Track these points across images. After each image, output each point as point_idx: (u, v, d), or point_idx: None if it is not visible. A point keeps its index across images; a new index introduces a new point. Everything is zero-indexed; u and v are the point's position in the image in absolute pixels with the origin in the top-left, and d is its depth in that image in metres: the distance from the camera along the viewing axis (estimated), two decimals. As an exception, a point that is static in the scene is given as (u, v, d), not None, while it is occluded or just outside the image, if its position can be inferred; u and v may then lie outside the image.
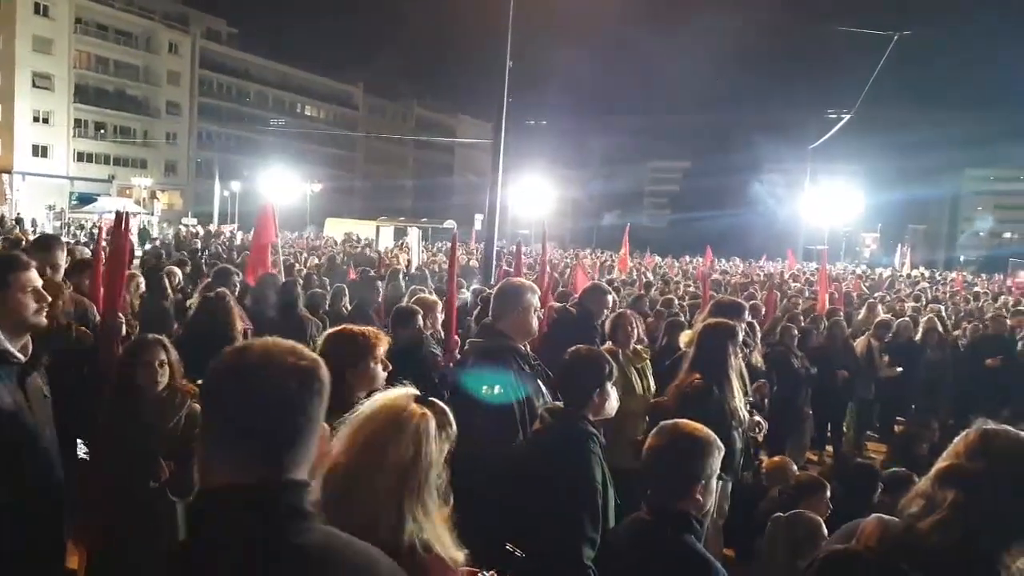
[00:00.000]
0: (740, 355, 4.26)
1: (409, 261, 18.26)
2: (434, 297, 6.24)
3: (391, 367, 2.90)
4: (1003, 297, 18.40)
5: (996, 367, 9.18)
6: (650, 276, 18.89)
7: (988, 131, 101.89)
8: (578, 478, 2.70)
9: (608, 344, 5.02)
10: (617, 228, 44.67)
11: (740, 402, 4.12)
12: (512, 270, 8.32)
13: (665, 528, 2.16)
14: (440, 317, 5.56)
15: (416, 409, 1.68)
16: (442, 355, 4.96)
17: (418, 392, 1.74)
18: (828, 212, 44.63)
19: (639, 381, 4.89)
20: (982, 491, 1.56)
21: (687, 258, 32.40)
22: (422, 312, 5.13)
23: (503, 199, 13.86)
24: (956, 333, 11.01)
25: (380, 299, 8.31)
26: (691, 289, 14.17)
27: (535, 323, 3.52)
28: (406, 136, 76.70)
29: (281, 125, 67.19)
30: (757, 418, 4.49)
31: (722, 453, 2.23)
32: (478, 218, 24.61)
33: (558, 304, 6.78)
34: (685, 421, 2.34)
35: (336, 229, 37.68)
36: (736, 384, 4.18)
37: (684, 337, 4.78)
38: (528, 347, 3.64)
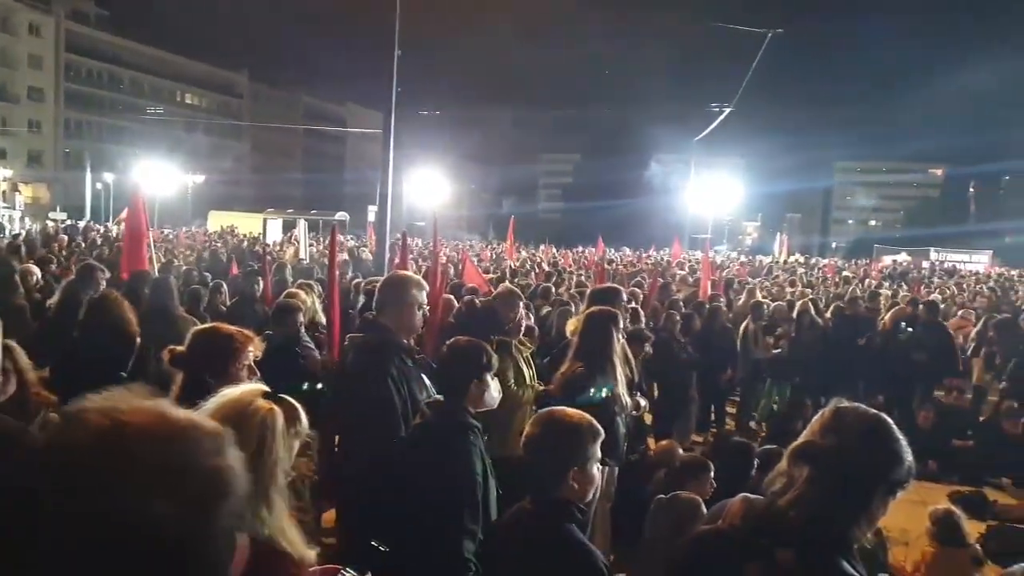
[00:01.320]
0: (623, 339, 4.32)
1: (297, 254, 17.69)
2: (303, 292, 6.02)
3: (258, 374, 2.75)
4: (867, 280, 19.76)
5: (857, 346, 9.83)
6: (546, 267, 19.16)
7: (856, 126, 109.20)
8: (457, 470, 2.66)
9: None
10: (515, 218, 45.16)
11: (623, 387, 4.19)
12: (398, 261, 8.18)
13: (545, 517, 2.15)
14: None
15: (262, 404, 1.61)
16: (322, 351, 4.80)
17: (266, 388, 1.66)
18: (712, 202, 46.54)
19: (527, 370, 4.90)
20: (833, 467, 1.60)
21: (580, 248, 33.02)
22: (301, 308, 4.93)
23: (397, 189, 13.61)
24: (827, 315, 11.70)
25: (261, 294, 8.02)
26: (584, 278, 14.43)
27: (419, 319, 3.44)
28: (294, 125, 74.22)
29: (159, 113, 63.63)
30: (639, 399, 4.59)
31: (600, 438, 2.23)
32: (371, 209, 24.15)
33: (467, 297, 6.76)
34: (561, 408, 2.33)
35: (220, 222, 36.09)
36: (619, 369, 4.25)
37: (569, 326, 4.83)
38: (416, 341, 3.57)
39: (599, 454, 2.23)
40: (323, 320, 5.86)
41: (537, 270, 16.91)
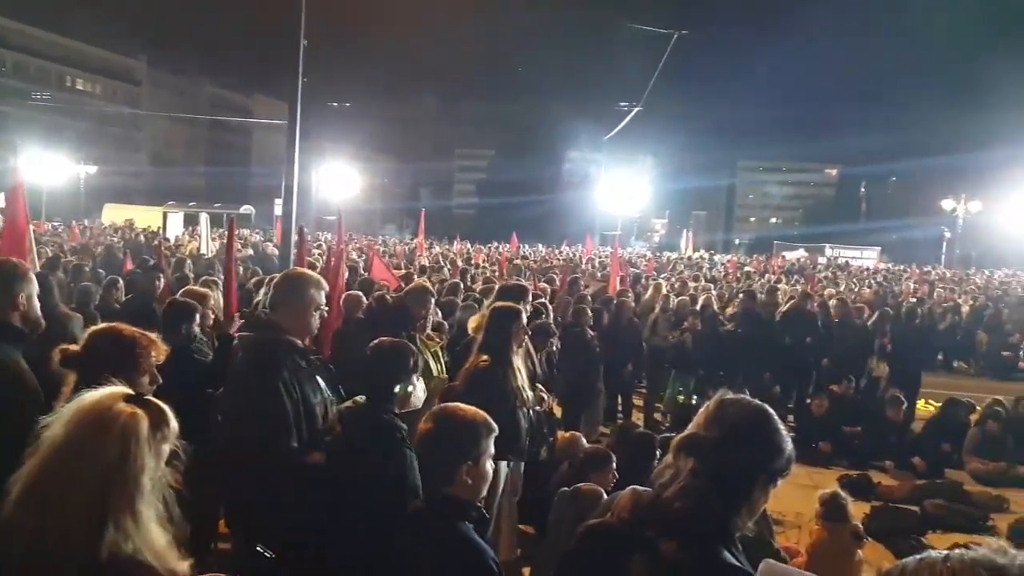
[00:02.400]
0: (526, 335, 4.34)
1: (198, 249, 17.00)
2: (205, 289, 5.76)
3: (160, 380, 2.57)
4: (767, 275, 20.61)
5: (754, 340, 10.25)
6: (459, 262, 19.11)
7: (757, 126, 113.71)
8: (396, 471, 2.62)
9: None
10: (428, 214, 44.77)
11: (525, 382, 4.21)
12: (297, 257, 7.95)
13: (437, 516, 2.12)
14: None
15: (124, 408, 1.51)
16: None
17: (129, 391, 1.56)
18: (622, 199, 47.52)
19: (434, 365, 4.87)
20: (716, 458, 1.63)
21: (494, 244, 33.10)
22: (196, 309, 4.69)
23: (305, 183, 13.22)
24: (729, 310, 12.15)
25: (160, 291, 7.65)
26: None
27: (316, 320, 3.26)
28: (196, 116, 71.20)
29: (45, 99, 59.76)
30: (543, 394, 4.63)
31: (494, 434, 2.21)
32: (278, 203, 23.44)
33: (378, 293, 6.64)
34: (454, 404, 2.30)
35: (116, 216, 34.23)
36: (521, 364, 4.27)
37: (472, 322, 4.81)
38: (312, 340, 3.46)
39: (493, 450, 2.21)
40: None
41: (450, 266, 16.85)
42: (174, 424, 1.55)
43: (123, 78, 73.45)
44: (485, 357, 4.04)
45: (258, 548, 2.41)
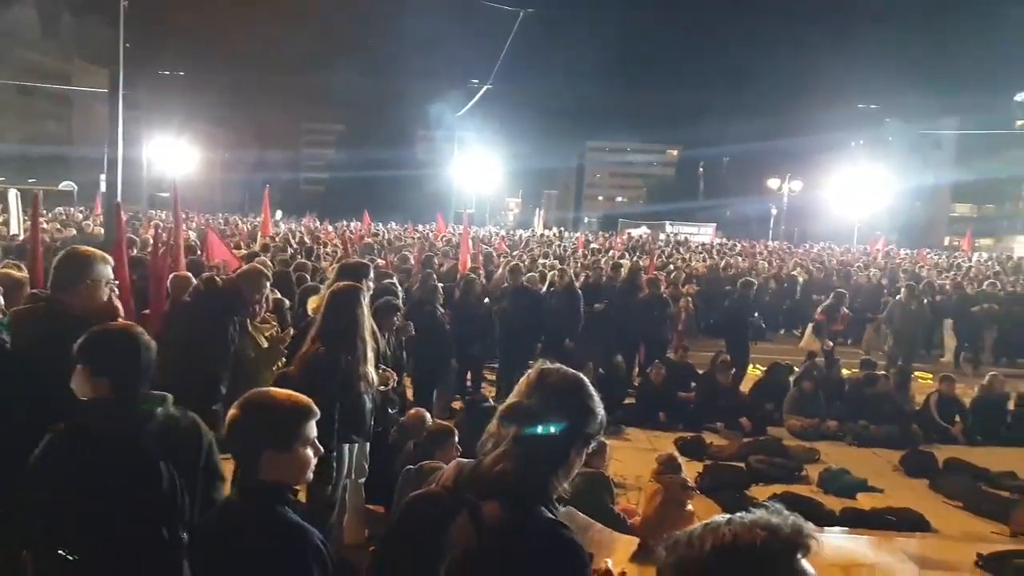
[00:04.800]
0: (369, 314, 4.25)
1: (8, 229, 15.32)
2: (23, 273, 5.21)
3: None
4: (611, 252, 21.47)
5: (604, 310, 10.68)
6: (307, 240, 18.48)
7: (605, 107, 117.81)
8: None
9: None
10: (278, 190, 42.91)
11: (371, 364, 4.13)
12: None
13: (253, 503, 2.04)
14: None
15: None
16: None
17: None
18: (475, 178, 47.76)
19: (268, 349, 4.66)
20: (535, 424, 1.70)
21: (343, 222, 32.25)
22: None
23: (136, 156, 12.23)
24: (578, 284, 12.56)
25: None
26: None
27: (104, 295, 3.11)
28: (8, 81, 63.77)
29: None
30: (387, 372, 4.57)
31: (312, 418, 2.15)
32: (103, 178, 21.57)
33: (206, 275, 6.21)
34: (264, 391, 2.21)
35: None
36: (369, 345, 4.17)
37: (311, 303, 4.64)
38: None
39: (313, 434, 2.15)
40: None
41: (295, 245, 16.26)
42: None
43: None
44: (324, 341, 3.92)
45: (60, 552, 2.21)
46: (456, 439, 4.48)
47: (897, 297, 12.52)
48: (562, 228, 46.87)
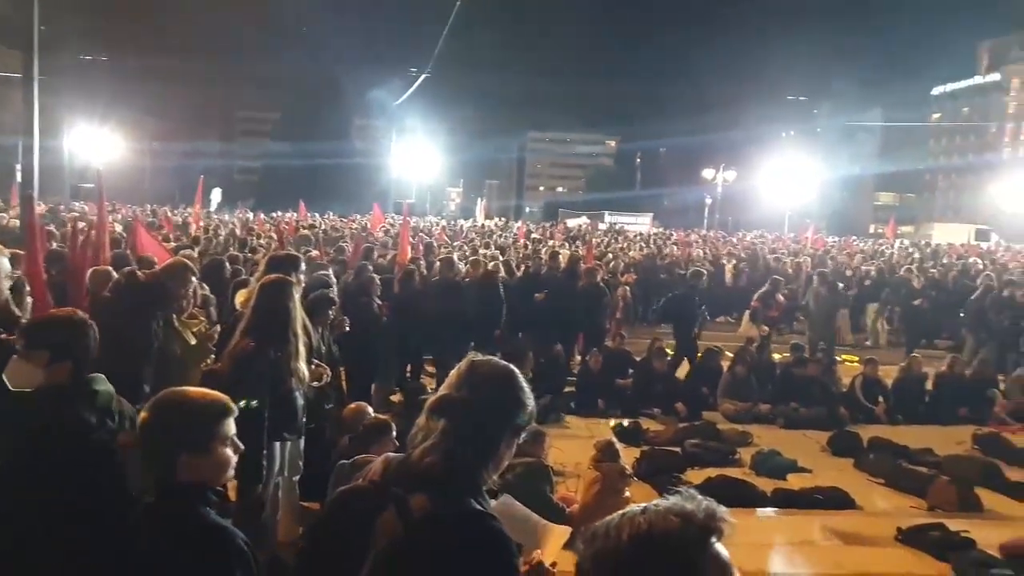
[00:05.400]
0: (301, 308, 4.15)
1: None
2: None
3: None
4: (552, 241, 21.59)
5: (543, 300, 10.74)
6: (239, 232, 18.05)
7: (545, 97, 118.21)
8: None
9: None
10: (212, 180, 41.52)
11: (303, 359, 4.04)
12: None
13: (172, 506, 1.98)
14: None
15: None
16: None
17: None
18: (415, 167, 47.33)
19: (196, 347, 4.52)
20: (464, 417, 1.69)
21: (279, 213, 31.56)
22: None
23: (55, 145, 11.68)
24: (518, 274, 12.59)
25: None
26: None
27: (4, 295, 2.97)
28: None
29: None
30: (321, 367, 4.49)
31: (230, 416, 2.10)
32: (18, 168, 20.56)
33: (127, 269, 5.97)
34: (178, 390, 2.14)
35: None
36: (301, 340, 4.09)
37: (240, 297, 4.51)
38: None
39: (231, 432, 2.10)
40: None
41: (231, 236, 15.84)
42: None
43: None
44: (252, 337, 3.81)
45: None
46: (394, 433, 4.43)
47: (811, 285, 12.98)
48: (505, 218, 46.91)
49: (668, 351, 10.09)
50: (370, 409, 5.59)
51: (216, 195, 48.11)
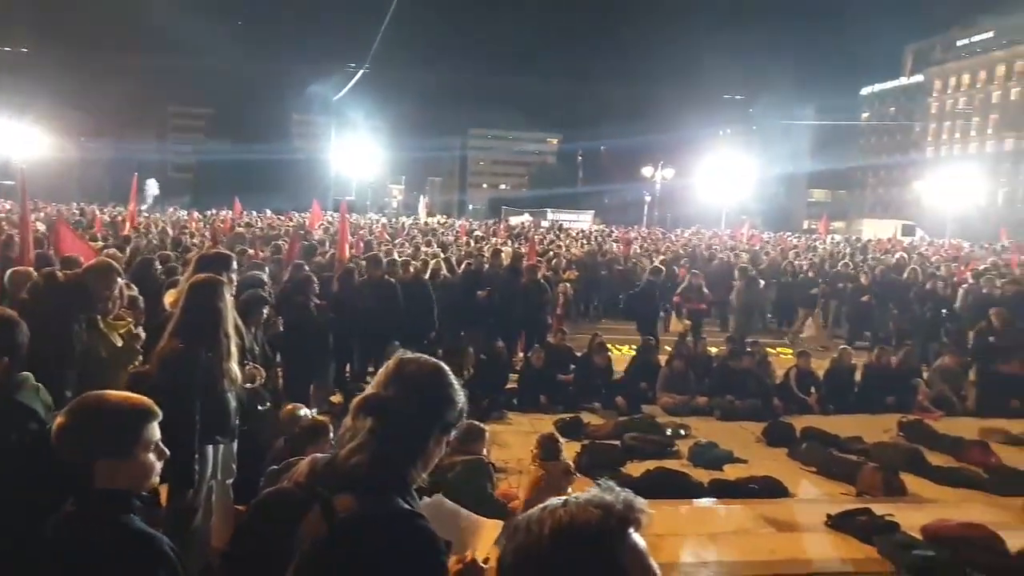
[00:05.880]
0: (232, 308, 4.05)
1: None
2: None
3: None
4: (495, 239, 21.61)
5: (487, 297, 10.75)
6: (170, 231, 17.56)
7: (487, 95, 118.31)
8: None
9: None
10: (144, 178, 40.09)
11: (234, 360, 3.94)
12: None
13: (94, 513, 1.90)
14: None
15: None
16: None
17: None
18: (355, 164, 46.73)
19: (124, 349, 4.37)
20: (394, 415, 1.67)
21: (214, 211, 30.78)
22: None
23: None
24: (459, 271, 12.56)
25: None
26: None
27: None
28: None
29: None
30: (254, 369, 4.39)
31: (154, 420, 2.03)
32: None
33: (46, 269, 5.72)
34: (96, 395, 2.06)
35: None
36: (232, 340, 3.99)
37: (169, 296, 4.37)
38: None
39: (155, 437, 2.04)
40: None
41: (161, 237, 15.36)
42: None
43: None
44: (181, 338, 3.70)
45: None
46: (331, 434, 4.35)
47: (733, 280, 13.37)
48: (448, 216, 46.75)
49: (609, 347, 10.22)
50: (306, 410, 5.49)
51: (152, 187, 46.55)
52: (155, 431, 2.03)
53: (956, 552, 4.92)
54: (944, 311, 12.56)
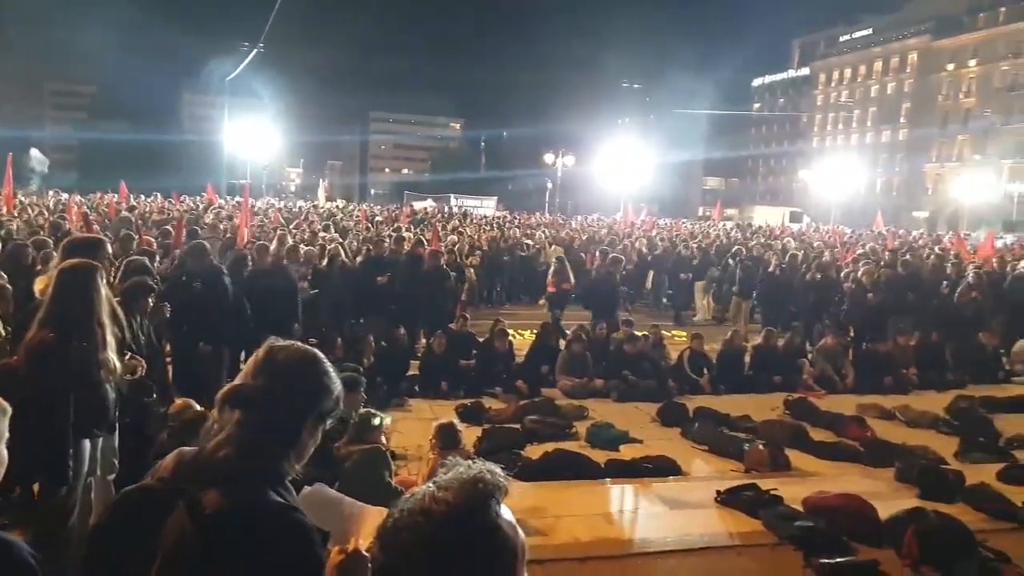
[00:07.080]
0: (109, 295, 3.81)
1: None
2: None
3: None
4: (396, 224, 21.33)
5: (387, 283, 10.62)
6: (46, 215, 16.45)
7: (388, 79, 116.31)
8: None
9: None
10: (15, 160, 36.97)
11: (112, 350, 3.72)
12: None
13: None
14: None
15: None
16: None
17: None
18: (250, 147, 44.99)
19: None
20: (263, 406, 1.60)
21: (99, 194, 28.98)
22: None
23: None
24: (359, 258, 12.33)
25: None
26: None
27: None
28: None
29: None
30: (135, 360, 4.17)
31: (7, 413, 1.89)
32: None
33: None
34: None
35: None
36: (109, 329, 3.75)
37: (39, 284, 4.07)
38: None
39: (6, 433, 1.89)
40: None
41: (38, 220, 14.36)
42: None
43: None
44: (52, 328, 3.45)
45: None
46: (209, 423, 4.17)
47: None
48: (347, 200, 45.74)
49: (511, 332, 10.28)
50: (195, 405, 5.26)
51: (37, 157, 43.13)
52: (5, 427, 1.89)
53: (833, 522, 5.25)
54: (829, 295, 13.21)
